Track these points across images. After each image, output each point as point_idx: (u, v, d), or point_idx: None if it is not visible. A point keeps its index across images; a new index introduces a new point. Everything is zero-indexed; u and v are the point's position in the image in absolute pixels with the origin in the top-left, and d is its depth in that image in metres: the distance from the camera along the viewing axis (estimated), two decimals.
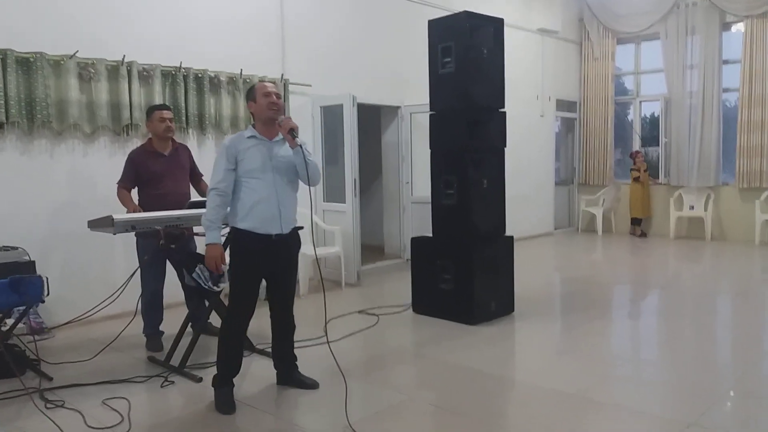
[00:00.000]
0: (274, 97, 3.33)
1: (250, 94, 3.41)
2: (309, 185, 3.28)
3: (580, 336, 4.70)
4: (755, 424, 3.11)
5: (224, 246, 3.38)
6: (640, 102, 10.66)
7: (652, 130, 10.82)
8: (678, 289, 6.43)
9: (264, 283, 3.47)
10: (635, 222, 10.12)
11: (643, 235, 10.04)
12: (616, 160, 10.91)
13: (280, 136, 3.34)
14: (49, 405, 3.34)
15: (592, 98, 10.78)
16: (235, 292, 3.39)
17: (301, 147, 3.24)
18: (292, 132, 3.23)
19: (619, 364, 4.12)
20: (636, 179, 9.91)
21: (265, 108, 3.31)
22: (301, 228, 3.53)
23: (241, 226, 3.30)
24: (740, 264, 7.72)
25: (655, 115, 10.57)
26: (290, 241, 3.41)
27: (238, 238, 3.34)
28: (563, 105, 10.76)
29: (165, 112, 4.40)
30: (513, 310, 5.20)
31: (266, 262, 3.35)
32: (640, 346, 4.67)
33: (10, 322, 3.97)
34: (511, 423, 3.22)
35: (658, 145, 10.19)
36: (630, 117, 10.95)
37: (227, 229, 3.47)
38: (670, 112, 9.89)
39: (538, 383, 3.67)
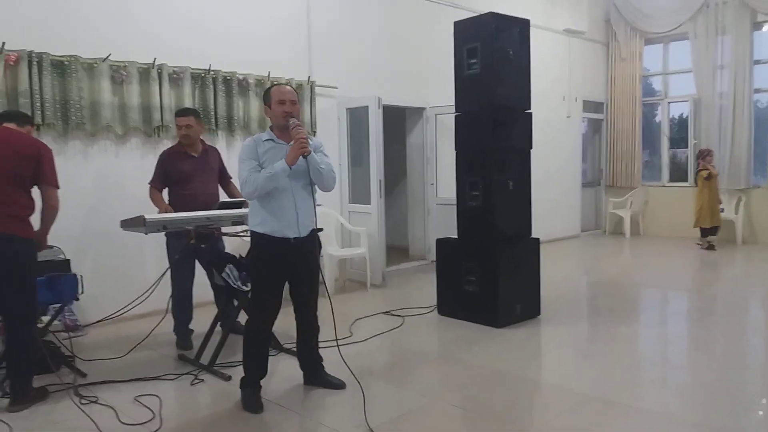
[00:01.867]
0: (289, 104, 3.32)
1: (267, 98, 3.42)
2: (321, 191, 3.37)
3: (606, 339, 4.66)
4: None
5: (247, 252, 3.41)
6: (669, 103, 10.51)
7: (680, 131, 10.65)
8: (707, 293, 6.33)
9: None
10: (707, 232, 8.71)
11: (711, 247, 8.65)
12: (644, 162, 10.77)
13: None
14: (83, 401, 3.43)
15: (620, 99, 10.66)
16: (256, 295, 3.44)
17: (306, 158, 3.21)
18: (300, 143, 3.18)
19: (645, 367, 4.08)
20: (707, 178, 8.54)
21: (280, 117, 3.32)
22: (321, 230, 3.55)
23: (259, 231, 3.34)
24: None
25: (684, 116, 10.41)
26: (309, 243, 3.41)
27: (257, 242, 3.38)
28: (590, 106, 10.66)
29: (181, 119, 4.42)
30: (539, 314, 5.17)
31: (286, 265, 3.37)
32: (667, 350, 4.61)
33: (46, 319, 4.09)
34: (536, 425, 3.21)
35: (687, 147, 10.03)
36: (658, 118, 10.81)
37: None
38: (699, 113, 9.74)
39: (563, 386, 3.66)
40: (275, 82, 6.03)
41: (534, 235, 5.29)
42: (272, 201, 3.30)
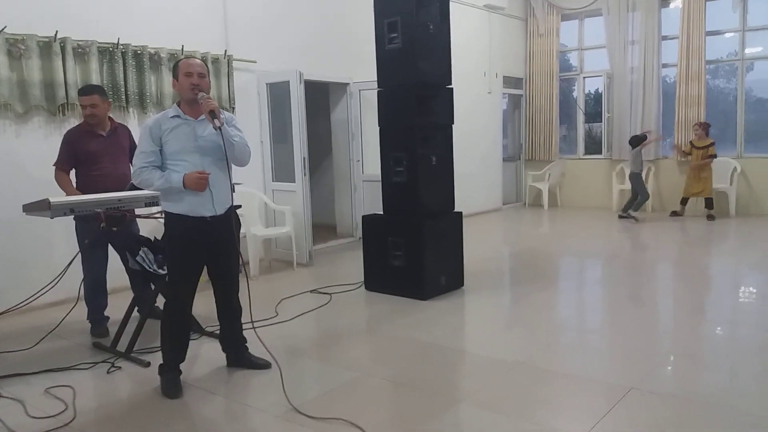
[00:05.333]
0: (196, 77, 3.20)
1: (175, 71, 3.28)
2: (235, 165, 3.28)
3: (527, 307, 4.82)
4: (692, 384, 3.27)
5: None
6: (584, 78, 10.88)
7: (595, 105, 11.08)
8: (620, 259, 6.65)
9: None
10: (684, 201, 9.04)
11: (711, 218, 8.73)
12: (561, 136, 11.15)
13: None
14: None
15: (538, 74, 10.94)
16: (173, 277, 3.32)
17: (221, 129, 3.12)
18: (213, 113, 3.12)
19: (564, 332, 4.25)
20: (685, 154, 8.98)
21: (187, 89, 3.20)
22: (239, 207, 3.46)
23: (173, 211, 3.22)
24: (682, 236, 8.03)
25: (599, 91, 10.82)
26: (227, 221, 3.31)
27: (171, 222, 3.25)
28: (510, 81, 10.89)
29: (84, 98, 4.16)
30: (463, 285, 5.28)
31: (203, 245, 3.26)
32: (584, 315, 4.83)
33: None
34: (463, 393, 3.28)
35: (602, 120, 10.44)
36: (574, 93, 11.18)
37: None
38: (612, 87, 10.14)
39: (488, 354, 3.75)
40: (189, 56, 5.78)
41: (457, 209, 5.37)
42: None
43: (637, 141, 8.96)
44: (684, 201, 9.07)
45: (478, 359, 3.73)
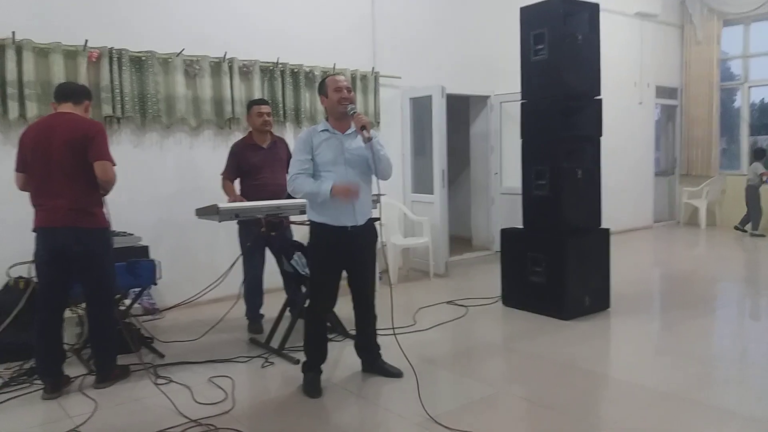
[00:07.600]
0: (345, 91, 3.38)
1: (322, 88, 3.47)
2: (379, 179, 3.36)
3: (679, 334, 4.50)
4: None
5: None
6: (749, 87, 9.96)
7: (761, 117, 10.09)
8: None
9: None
10: None
11: None
12: (721, 150, 10.27)
13: (353, 128, 3.39)
14: (161, 380, 3.62)
15: (695, 84, 10.18)
16: (314, 283, 3.52)
17: (370, 141, 3.26)
18: (364, 129, 3.27)
19: (721, 365, 3.91)
20: None
21: (337, 103, 3.37)
22: (377, 219, 3.59)
23: (317, 220, 3.40)
24: None
25: (765, 101, 9.85)
26: (366, 232, 3.46)
27: (315, 231, 3.45)
28: (663, 92, 10.24)
29: (263, 106, 4.60)
30: (608, 306, 5.04)
31: (343, 254, 3.42)
32: (744, 346, 4.40)
33: (127, 302, 4.31)
34: (604, 420, 3.14)
35: None
36: (737, 104, 10.26)
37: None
38: None
39: (634, 381, 3.55)
40: (335, 73, 6.09)
41: (604, 225, 5.15)
42: None
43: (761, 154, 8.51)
44: None
45: (624, 386, 3.54)
